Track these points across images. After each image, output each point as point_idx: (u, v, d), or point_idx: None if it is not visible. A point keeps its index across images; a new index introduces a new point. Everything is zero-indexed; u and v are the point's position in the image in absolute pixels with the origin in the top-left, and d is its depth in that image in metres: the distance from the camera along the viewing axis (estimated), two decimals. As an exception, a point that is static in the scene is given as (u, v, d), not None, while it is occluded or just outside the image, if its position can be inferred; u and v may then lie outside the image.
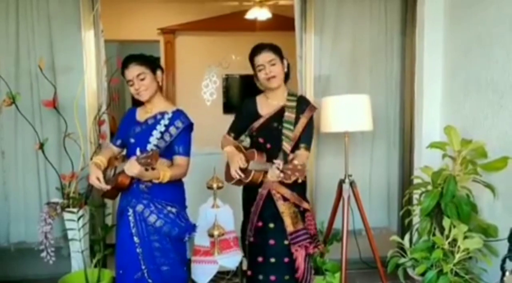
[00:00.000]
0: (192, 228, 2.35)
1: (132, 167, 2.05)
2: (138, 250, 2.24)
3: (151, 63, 2.32)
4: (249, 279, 2.60)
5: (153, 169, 2.04)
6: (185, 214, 2.37)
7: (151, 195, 2.25)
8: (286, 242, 2.47)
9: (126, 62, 2.28)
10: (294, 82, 3.36)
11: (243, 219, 2.66)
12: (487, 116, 2.56)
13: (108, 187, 2.21)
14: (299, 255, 2.47)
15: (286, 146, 2.46)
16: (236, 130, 2.65)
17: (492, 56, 2.51)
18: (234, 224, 2.71)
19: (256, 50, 2.48)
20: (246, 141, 2.68)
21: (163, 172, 2.15)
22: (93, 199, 3.10)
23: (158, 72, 2.33)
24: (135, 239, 2.25)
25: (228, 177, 2.56)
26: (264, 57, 2.45)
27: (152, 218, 2.23)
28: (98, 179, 2.18)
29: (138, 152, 2.06)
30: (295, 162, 2.14)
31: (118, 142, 2.45)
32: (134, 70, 2.25)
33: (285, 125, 2.47)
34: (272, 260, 2.50)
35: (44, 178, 3.18)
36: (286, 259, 2.50)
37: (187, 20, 6.30)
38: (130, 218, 2.26)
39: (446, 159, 2.54)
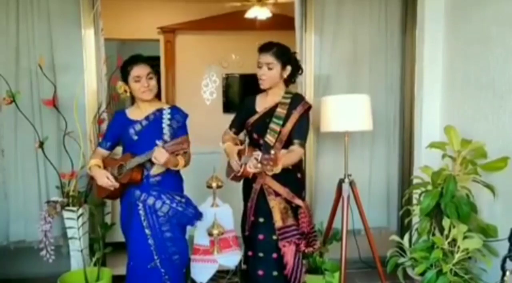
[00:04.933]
0: (200, 215, 2.49)
1: (160, 155, 2.19)
2: (150, 241, 2.37)
3: (154, 66, 2.48)
4: (244, 273, 2.63)
5: (185, 152, 2.27)
6: (192, 202, 2.50)
7: (160, 187, 2.40)
8: (274, 237, 2.47)
9: (136, 59, 2.40)
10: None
11: (242, 212, 2.67)
12: (487, 116, 2.56)
13: (117, 184, 2.34)
14: (288, 251, 2.46)
15: (269, 138, 2.46)
16: (235, 126, 2.71)
17: (492, 56, 2.52)
18: (234, 223, 2.71)
19: (262, 49, 2.50)
20: (246, 137, 2.71)
21: (181, 159, 2.33)
22: (92, 197, 3.10)
23: (156, 77, 2.48)
24: (147, 231, 2.37)
25: (228, 172, 2.59)
26: (264, 58, 2.47)
27: (165, 208, 2.37)
28: (107, 178, 2.33)
29: (158, 142, 2.20)
30: (272, 151, 2.11)
31: (108, 144, 2.54)
32: (145, 68, 2.38)
33: (273, 119, 2.48)
34: (260, 254, 2.50)
35: (44, 176, 3.18)
36: (274, 255, 2.48)
37: (187, 19, 6.29)
38: (141, 212, 2.38)
39: (446, 159, 2.54)
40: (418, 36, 3.23)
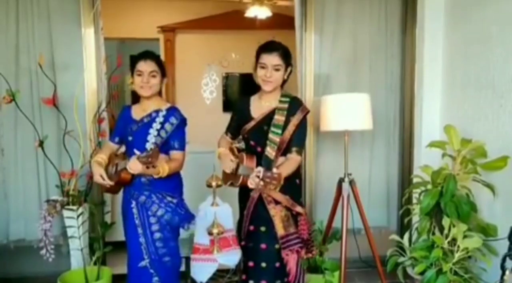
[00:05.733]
0: (192, 217, 2.48)
1: (134, 166, 2.19)
2: (141, 239, 2.38)
3: (164, 68, 2.47)
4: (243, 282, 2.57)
5: (154, 167, 2.18)
6: (184, 204, 2.49)
7: (152, 186, 2.39)
8: (277, 246, 2.41)
9: (145, 55, 2.41)
10: (294, 81, 3.36)
11: (238, 220, 2.63)
12: (487, 115, 2.56)
13: (112, 183, 2.35)
14: (291, 259, 2.41)
15: (270, 151, 2.37)
16: (231, 131, 2.62)
17: (492, 56, 2.52)
18: (234, 222, 2.71)
19: (268, 48, 2.37)
20: (242, 143, 2.66)
21: (162, 167, 2.27)
22: (92, 196, 3.10)
23: (165, 79, 2.48)
24: (139, 229, 2.38)
25: (223, 179, 2.54)
26: (272, 60, 2.34)
27: (154, 208, 2.37)
28: (101, 176, 2.33)
29: (137, 152, 2.17)
30: (274, 170, 2.07)
31: (116, 139, 2.55)
32: (150, 65, 2.38)
33: (272, 129, 2.38)
34: (263, 264, 2.43)
35: (44, 175, 3.18)
36: (277, 264, 2.43)
37: (187, 18, 6.30)
38: (134, 210, 2.40)
39: (446, 158, 2.54)
40: (418, 35, 3.23)
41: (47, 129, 3.12)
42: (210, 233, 2.54)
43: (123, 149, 2.57)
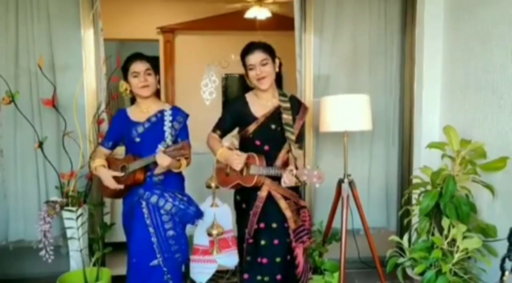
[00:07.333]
0: (202, 214, 2.53)
1: (163, 160, 2.23)
2: (153, 239, 2.40)
3: (155, 65, 2.51)
4: (246, 281, 2.56)
5: (186, 158, 2.27)
6: (194, 201, 2.54)
7: (163, 186, 2.44)
8: (288, 240, 2.49)
9: (136, 57, 2.45)
10: (293, 82, 3.37)
11: (237, 219, 2.64)
12: (486, 116, 2.56)
13: (122, 186, 2.39)
14: (300, 251, 2.49)
15: (293, 149, 2.45)
16: (223, 129, 2.61)
17: (492, 56, 2.52)
18: (233, 223, 2.71)
19: (248, 50, 2.46)
20: (236, 143, 2.65)
21: (183, 161, 2.34)
22: (92, 198, 3.10)
23: (157, 76, 2.52)
24: (150, 229, 2.40)
25: (223, 181, 2.53)
26: (256, 57, 2.42)
27: (168, 206, 2.41)
28: (113, 178, 2.39)
29: (161, 146, 2.24)
30: (308, 167, 2.23)
31: (110, 144, 2.57)
32: (143, 65, 2.43)
33: (287, 128, 2.46)
34: (278, 259, 2.48)
35: (43, 176, 3.18)
36: (288, 257, 2.50)
37: (187, 19, 6.30)
38: (144, 210, 2.41)
39: (446, 159, 2.54)
40: (418, 36, 3.23)
41: (46, 130, 3.12)
42: (209, 234, 2.54)
43: (121, 152, 2.57)
